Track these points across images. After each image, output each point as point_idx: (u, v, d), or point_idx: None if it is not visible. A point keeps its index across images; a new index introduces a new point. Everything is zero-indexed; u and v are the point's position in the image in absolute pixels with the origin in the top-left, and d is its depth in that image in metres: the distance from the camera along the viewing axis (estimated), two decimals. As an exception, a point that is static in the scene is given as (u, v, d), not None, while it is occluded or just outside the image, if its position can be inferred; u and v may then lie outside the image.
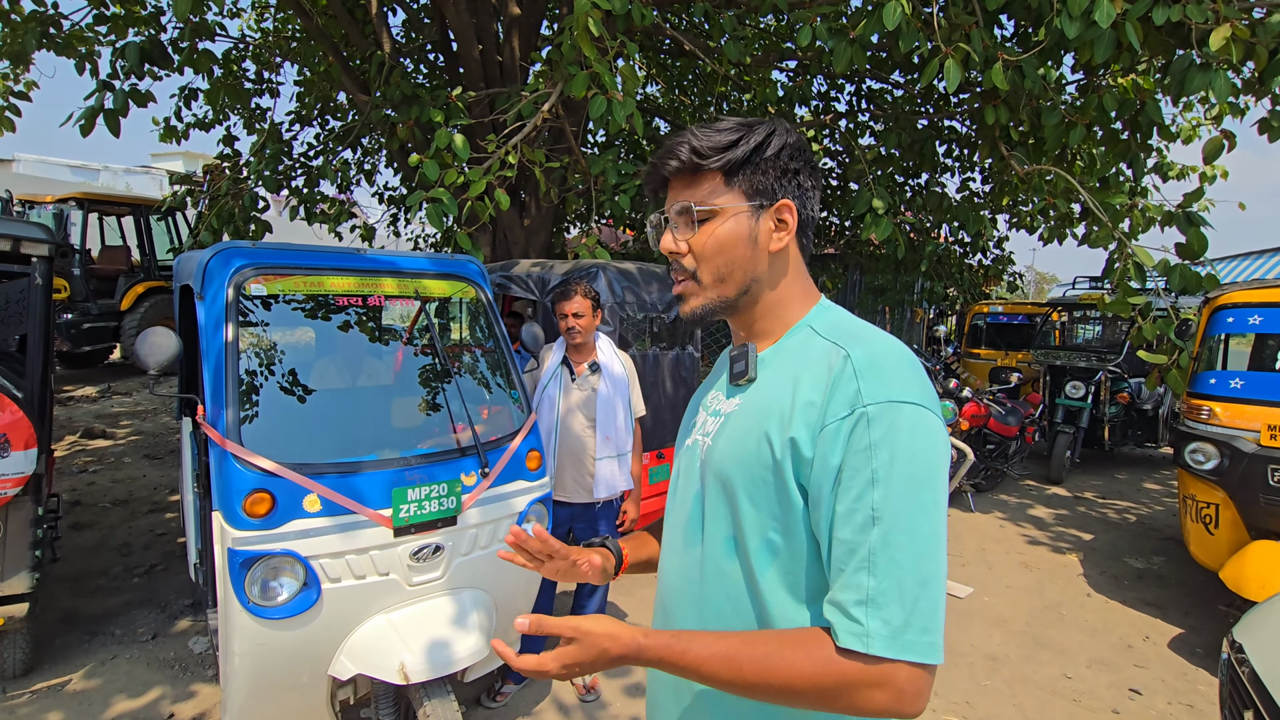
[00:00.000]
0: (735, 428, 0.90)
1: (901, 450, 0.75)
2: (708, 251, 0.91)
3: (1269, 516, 3.13)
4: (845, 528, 0.75)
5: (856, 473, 0.75)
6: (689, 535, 0.95)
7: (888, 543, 0.73)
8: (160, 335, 2.03)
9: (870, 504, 0.74)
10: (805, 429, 0.80)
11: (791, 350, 0.91)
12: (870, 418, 0.76)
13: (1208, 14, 3.46)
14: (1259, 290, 3.47)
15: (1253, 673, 1.84)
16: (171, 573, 3.76)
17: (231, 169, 6.54)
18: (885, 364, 0.80)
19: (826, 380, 0.81)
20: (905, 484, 0.74)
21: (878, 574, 0.72)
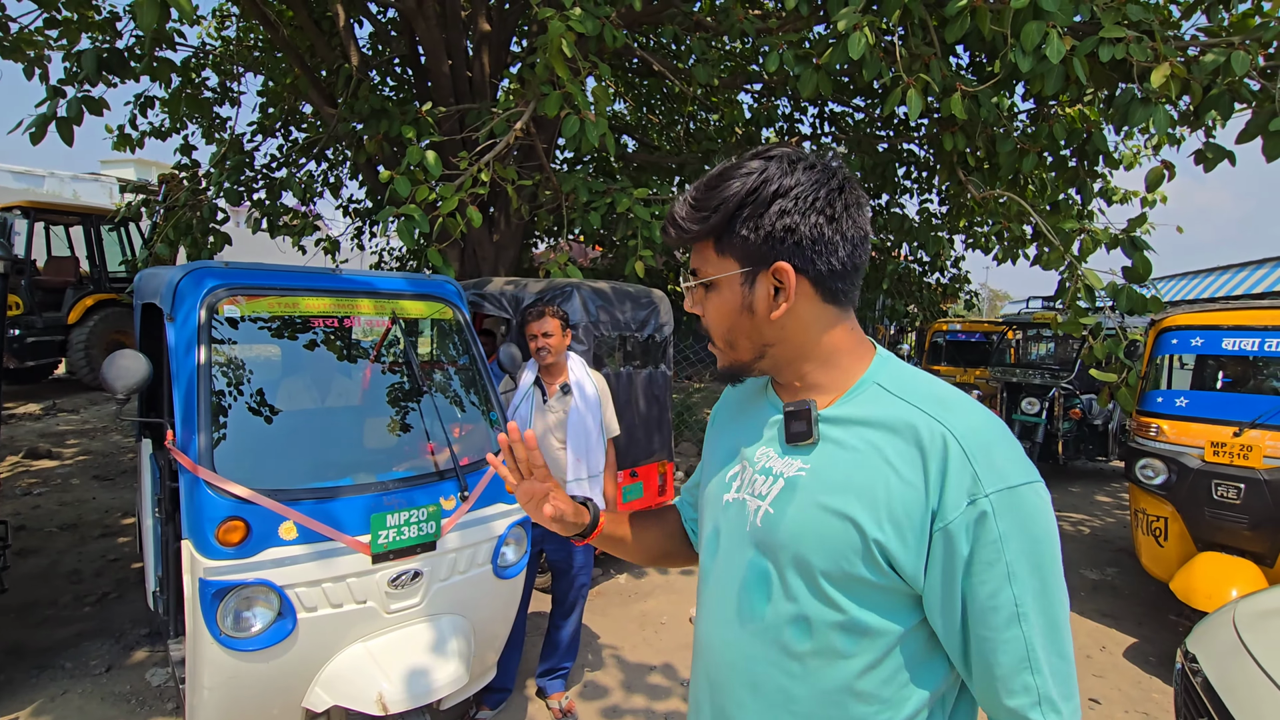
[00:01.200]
0: (807, 501, 0.82)
1: (1030, 537, 0.73)
2: (713, 320, 0.89)
3: (1213, 529, 3.29)
4: (983, 625, 0.74)
5: (989, 566, 0.73)
6: (744, 608, 0.87)
7: (1043, 637, 0.73)
8: (129, 358, 1.97)
9: (1013, 599, 0.73)
10: (906, 519, 0.75)
11: (862, 411, 0.83)
12: (996, 508, 0.73)
13: (1148, 53, 3.67)
14: (1200, 314, 3.67)
15: (1206, 682, 1.93)
16: (126, 601, 3.61)
17: (190, 179, 6.37)
18: (989, 440, 0.76)
19: (921, 459, 0.76)
20: (1041, 572, 0.74)
21: (1039, 671, 0.73)
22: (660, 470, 4.26)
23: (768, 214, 0.80)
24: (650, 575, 4.32)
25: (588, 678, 3.17)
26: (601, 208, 4.86)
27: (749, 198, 0.80)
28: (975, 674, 0.77)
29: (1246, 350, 3.38)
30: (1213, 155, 4.26)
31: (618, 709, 2.94)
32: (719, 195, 0.81)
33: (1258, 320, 3.38)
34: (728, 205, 0.81)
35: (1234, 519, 3.19)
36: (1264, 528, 3.12)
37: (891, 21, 3.93)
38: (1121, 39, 3.67)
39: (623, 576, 4.32)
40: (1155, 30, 3.84)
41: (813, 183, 0.80)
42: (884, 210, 8.07)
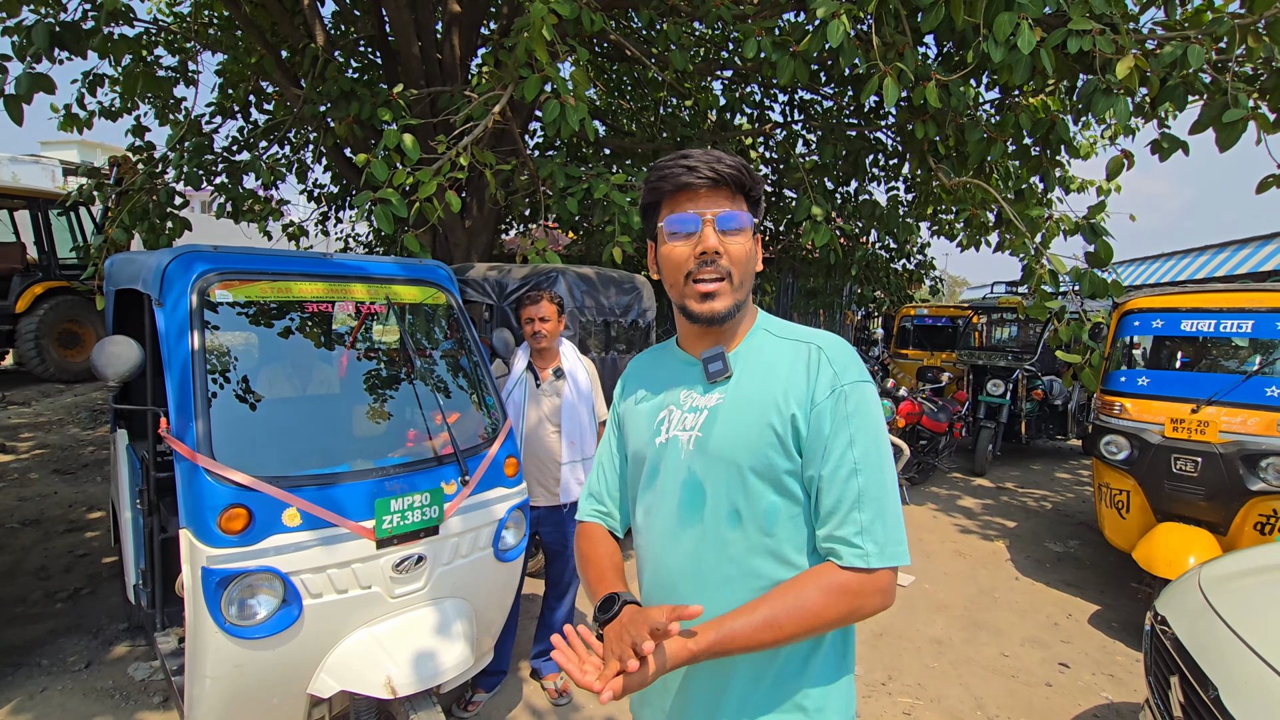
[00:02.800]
0: (729, 417, 1.05)
1: (868, 416, 1.01)
2: (742, 258, 1.06)
3: (1172, 501, 3.48)
4: (833, 480, 0.99)
5: (837, 435, 1.00)
6: (683, 517, 1.08)
7: (869, 486, 0.99)
8: (120, 344, 1.91)
9: (852, 460, 0.99)
10: (799, 407, 1.02)
11: (757, 350, 1.10)
12: (846, 394, 1.01)
13: (1112, 45, 3.80)
14: (1160, 297, 3.85)
15: (1176, 641, 2.06)
16: (100, 596, 3.51)
17: (145, 162, 6.13)
18: (846, 354, 1.06)
19: (805, 368, 1.03)
20: (873, 441, 1.01)
21: (865, 509, 0.98)
22: (644, 454, 4.29)
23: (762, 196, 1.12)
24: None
25: (580, 659, 3.21)
26: (579, 194, 4.84)
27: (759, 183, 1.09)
28: (821, 514, 1.01)
29: (1203, 331, 3.56)
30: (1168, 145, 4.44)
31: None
32: (757, 179, 1.08)
33: (1214, 303, 3.56)
34: (760, 186, 1.09)
35: (1191, 491, 3.38)
36: (1218, 499, 3.31)
37: (869, 10, 3.98)
38: (1088, 31, 3.80)
39: (608, 560, 4.36)
40: (1118, 23, 3.99)
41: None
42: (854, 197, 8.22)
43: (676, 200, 1.06)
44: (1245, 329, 3.46)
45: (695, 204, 1.05)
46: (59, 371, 8.27)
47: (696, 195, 1.05)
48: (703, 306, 1.06)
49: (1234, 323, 3.46)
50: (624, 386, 1.29)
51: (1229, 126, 3.78)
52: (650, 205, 1.11)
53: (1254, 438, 3.24)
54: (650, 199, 1.11)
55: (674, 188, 1.06)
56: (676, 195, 1.06)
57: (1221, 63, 4.04)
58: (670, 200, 1.07)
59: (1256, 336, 3.51)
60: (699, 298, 1.06)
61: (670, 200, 1.07)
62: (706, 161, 1.04)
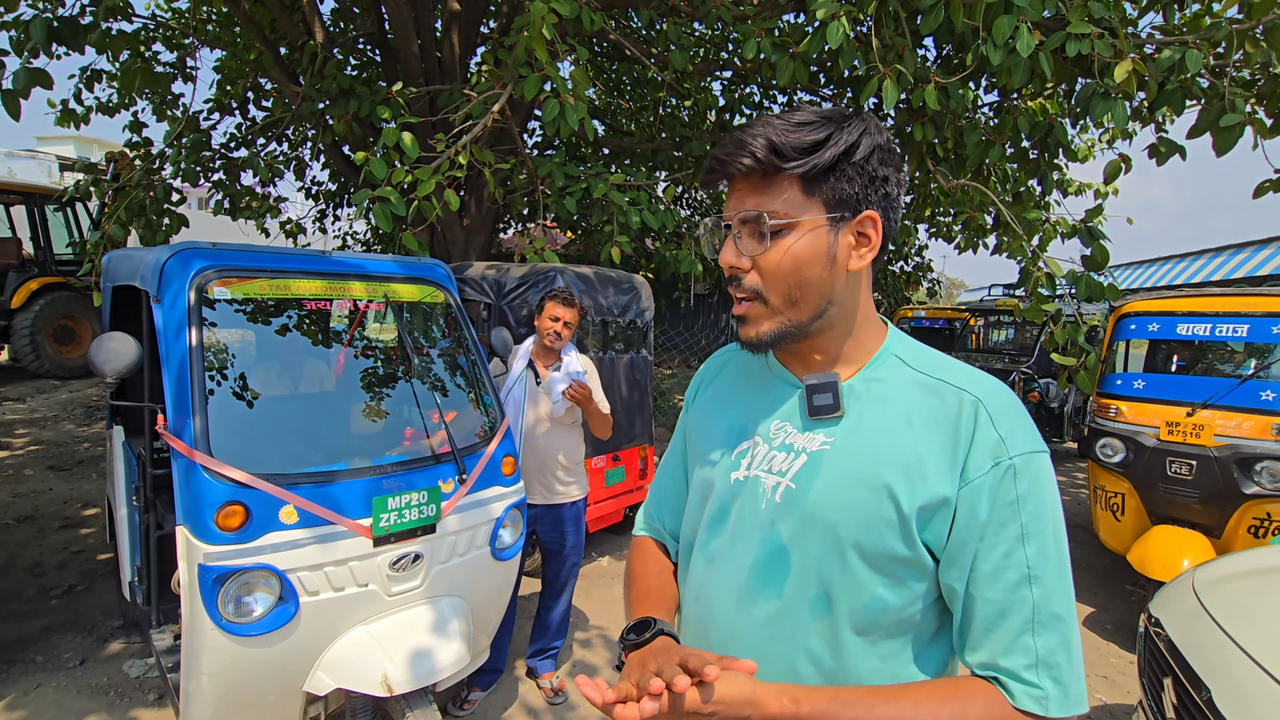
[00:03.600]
0: (835, 473, 0.81)
1: (1046, 502, 0.75)
2: (780, 270, 0.79)
3: (1167, 504, 3.49)
4: (994, 587, 0.74)
5: (1003, 527, 0.74)
6: (757, 584, 0.84)
7: (1049, 601, 0.73)
8: (118, 341, 1.91)
9: (1024, 561, 0.73)
10: (941, 481, 0.75)
11: (886, 383, 0.83)
12: (1016, 470, 0.74)
13: (1110, 49, 3.82)
14: (1157, 301, 3.86)
15: (1170, 642, 2.07)
16: (95, 593, 3.50)
17: (142, 158, 6.11)
18: (1015, 411, 0.78)
19: (955, 426, 0.77)
20: (1053, 537, 0.75)
21: (1042, 634, 0.72)
22: (641, 454, 4.30)
23: (869, 162, 0.79)
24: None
25: (576, 657, 3.21)
26: (577, 193, 4.85)
27: (855, 145, 0.78)
28: (972, 639, 0.76)
29: (1200, 335, 3.58)
30: (1165, 149, 4.45)
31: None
32: (824, 136, 0.77)
33: (1210, 307, 3.57)
34: (836, 148, 0.77)
35: (1186, 494, 3.39)
36: (1213, 502, 3.32)
37: (868, 12, 3.99)
38: (1087, 34, 3.81)
39: (605, 559, 4.37)
40: (1116, 27, 4.00)
41: (893, 145, 0.82)
42: (852, 199, 8.22)
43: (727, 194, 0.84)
44: (1241, 333, 3.47)
45: (728, 204, 0.83)
46: (54, 368, 8.25)
47: (732, 190, 0.82)
48: (740, 331, 0.85)
49: (1229, 327, 3.48)
50: (699, 389, 1.06)
51: (1226, 131, 3.80)
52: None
53: (1249, 441, 3.25)
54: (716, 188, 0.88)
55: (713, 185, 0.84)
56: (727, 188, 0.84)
57: (1219, 68, 4.06)
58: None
59: (1252, 341, 3.52)
60: (737, 321, 0.85)
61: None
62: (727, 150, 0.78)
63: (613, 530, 4.67)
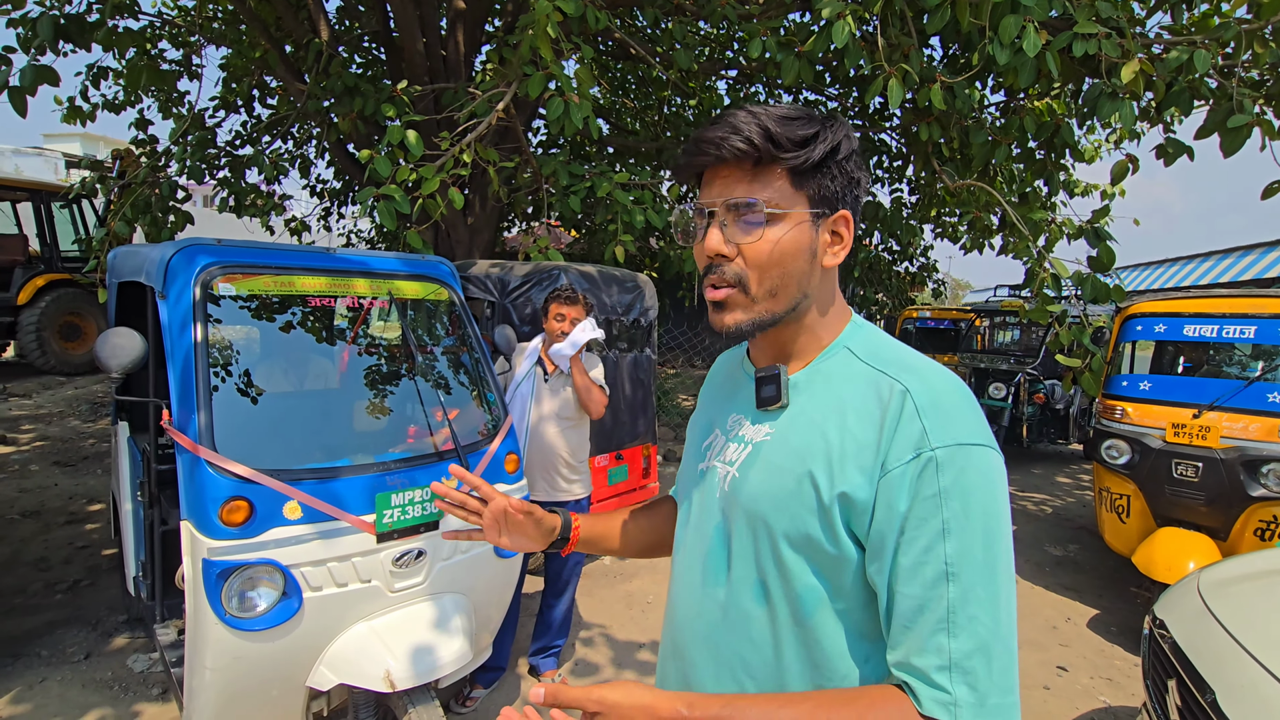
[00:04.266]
0: (769, 462, 0.82)
1: (974, 498, 0.70)
2: (767, 261, 0.78)
3: (1172, 506, 3.48)
4: (913, 582, 0.70)
5: (924, 522, 0.70)
6: (709, 572, 0.87)
7: (966, 600, 0.68)
8: (123, 336, 1.92)
9: (943, 557, 0.69)
10: (860, 473, 0.74)
11: (829, 375, 0.83)
12: (939, 462, 0.70)
13: (1118, 49, 3.80)
14: (1163, 302, 3.85)
15: (1175, 645, 2.06)
16: (100, 588, 3.51)
17: (148, 155, 6.14)
18: (948, 402, 0.74)
19: (880, 417, 0.74)
20: (979, 535, 0.69)
21: (958, 635, 0.67)
22: (644, 453, 4.30)
23: (848, 163, 0.80)
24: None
25: (579, 655, 3.21)
26: (581, 192, 4.85)
27: (839, 145, 0.79)
28: (892, 635, 0.72)
29: (1206, 337, 3.56)
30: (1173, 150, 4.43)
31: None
32: (813, 132, 0.77)
33: (1217, 309, 3.56)
34: (825, 145, 0.78)
35: (1192, 496, 3.38)
36: (1219, 504, 3.31)
37: (874, 11, 3.98)
38: (1094, 35, 3.79)
39: (608, 558, 4.37)
40: (1124, 27, 3.98)
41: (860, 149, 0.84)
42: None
43: (704, 180, 0.84)
44: (1248, 334, 3.45)
45: (709, 189, 0.82)
46: (60, 364, 8.28)
47: (715, 175, 0.81)
48: (714, 318, 0.83)
49: (1237, 328, 3.46)
50: (701, 392, 1.08)
51: (1234, 132, 3.78)
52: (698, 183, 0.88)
53: (1255, 443, 3.23)
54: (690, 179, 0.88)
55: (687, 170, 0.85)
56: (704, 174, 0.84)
57: (1228, 68, 4.04)
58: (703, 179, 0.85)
59: (1259, 342, 3.50)
60: (711, 307, 0.83)
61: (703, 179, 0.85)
62: (721, 131, 0.77)
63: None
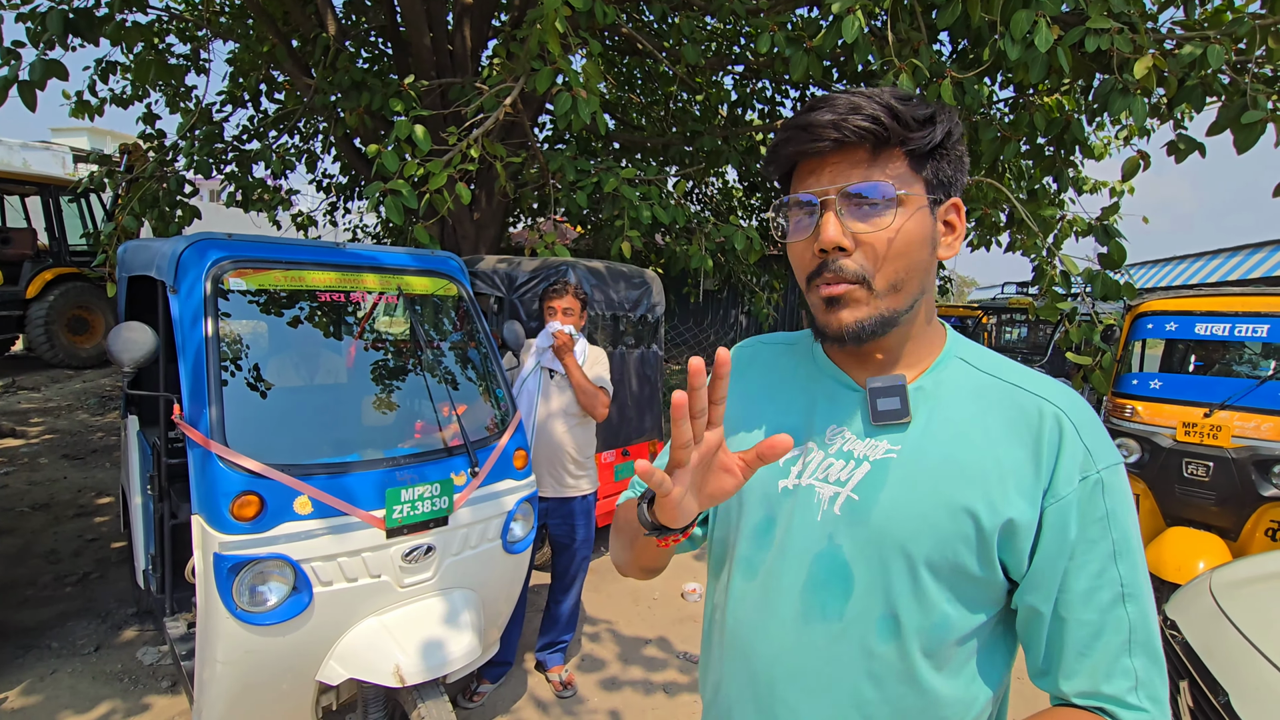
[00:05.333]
0: (905, 485, 0.74)
1: (1131, 516, 0.71)
2: (892, 251, 0.72)
3: (1183, 506, 3.45)
4: (1088, 608, 0.69)
5: (1094, 545, 0.70)
6: (816, 606, 0.77)
7: (1145, 619, 0.69)
8: (135, 330, 1.92)
9: (1118, 579, 0.69)
10: (1021, 497, 0.70)
11: (952, 388, 0.77)
12: (1105, 484, 0.70)
13: (1130, 44, 3.77)
14: (1175, 300, 3.82)
15: (1186, 645, 2.05)
16: (109, 580, 3.53)
17: (155, 150, 6.15)
18: (1091, 418, 0.73)
19: (1035, 438, 0.71)
20: (1140, 552, 0.71)
21: (1139, 654, 0.69)
22: (651, 449, 4.30)
23: (960, 146, 0.76)
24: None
25: (585, 651, 3.22)
26: (588, 187, 4.84)
27: (954, 128, 0.75)
28: (1066, 665, 0.71)
29: (1218, 335, 3.54)
30: (1185, 147, 4.40)
31: (616, 680, 2.99)
32: (930, 112, 0.73)
33: (1229, 306, 3.53)
34: (943, 126, 0.73)
35: (1203, 496, 3.36)
36: (1230, 504, 3.29)
37: (884, 6, 3.95)
38: (1107, 30, 3.76)
39: (613, 554, 4.37)
40: (1137, 22, 3.95)
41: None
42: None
43: (800, 172, 0.77)
44: (1260, 333, 3.43)
45: (818, 178, 0.74)
46: (68, 357, 8.33)
47: (821, 164, 0.74)
48: (828, 317, 0.75)
49: (1249, 327, 3.43)
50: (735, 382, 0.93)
51: (1247, 128, 3.74)
52: (783, 179, 0.81)
53: (1267, 443, 3.21)
54: (776, 173, 0.80)
55: (788, 158, 0.76)
56: (800, 166, 0.77)
57: (1241, 63, 4.00)
58: (796, 172, 0.78)
59: (1271, 341, 3.47)
60: (824, 305, 0.75)
61: (796, 172, 0.78)
62: (835, 113, 0.70)
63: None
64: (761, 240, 4.91)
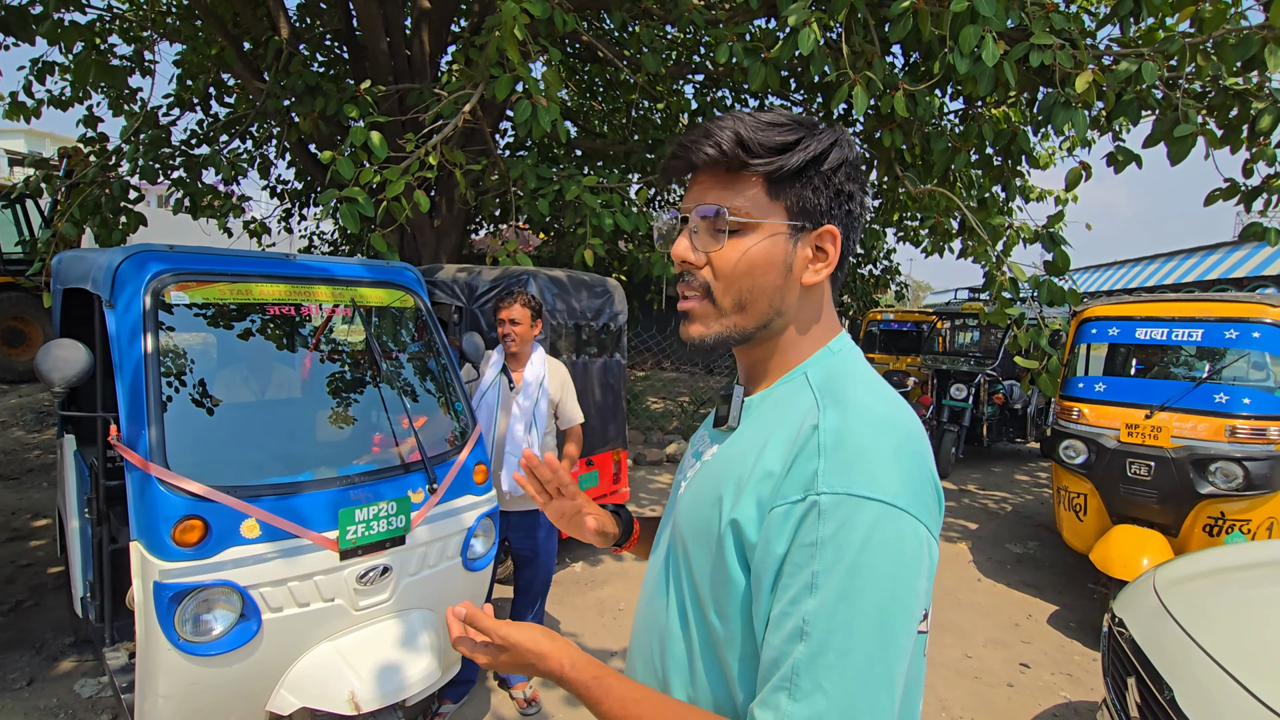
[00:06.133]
0: (701, 483, 0.80)
1: (851, 556, 0.62)
2: (735, 272, 0.75)
3: (1127, 504, 3.58)
4: (776, 632, 0.64)
5: (798, 571, 0.64)
6: (655, 588, 0.86)
7: (813, 666, 0.61)
8: (66, 348, 1.83)
9: (803, 613, 0.62)
10: (754, 505, 0.70)
11: (778, 401, 0.79)
12: (821, 510, 0.63)
13: (1071, 59, 3.92)
14: (1117, 306, 3.97)
15: (1133, 642, 2.11)
16: (45, 609, 3.35)
17: (97, 154, 5.90)
18: (859, 442, 0.66)
19: (791, 450, 0.69)
20: (846, 598, 0.61)
21: (799, 700, 0.60)
22: (615, 458, 4.28)
23: (836, 175, 0.76)
24: (606, 563, 4.34)
25: (549, 666, 3.17)
26: (550, 194, 4.81)
27: (825, 154, 0.75)
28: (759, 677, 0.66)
29: (1157, 339, 3.68)
30: (1123, 158, 4.59)
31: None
32: (794, 139, 0.74)
33: (1166, 312, 3.68)
34: (806, 153, 0.74)
35: (1145, 494, 3.49)
36: (1170, 502, 3.42)
37: (838, 19, 4.03)
38: (1049, 46, 3.90)
39: (579, 565, 4.33)
40: (1077, 39, 4.11)
41: (860, 162, 0.80)
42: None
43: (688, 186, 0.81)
44: (1195, 337, 3.58)
45: (687, 195, 0.79)
46: (3, 371, 7.92)
47: (694, 181, 0.79)
48: (681, 329, 0.81)
49: (1185, 331, 3.59)
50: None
51: (1179, 141, 3.92)
52: None
53: (1203, 443, 3.35)
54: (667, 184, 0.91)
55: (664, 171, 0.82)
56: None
57: (1173, 80, 4.19)
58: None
59: (1205, 345, 3.64)
60: (683, 317, 0.81)
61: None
62: (702, 131, 0.75)
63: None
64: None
